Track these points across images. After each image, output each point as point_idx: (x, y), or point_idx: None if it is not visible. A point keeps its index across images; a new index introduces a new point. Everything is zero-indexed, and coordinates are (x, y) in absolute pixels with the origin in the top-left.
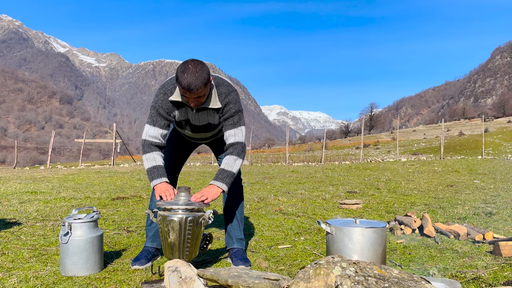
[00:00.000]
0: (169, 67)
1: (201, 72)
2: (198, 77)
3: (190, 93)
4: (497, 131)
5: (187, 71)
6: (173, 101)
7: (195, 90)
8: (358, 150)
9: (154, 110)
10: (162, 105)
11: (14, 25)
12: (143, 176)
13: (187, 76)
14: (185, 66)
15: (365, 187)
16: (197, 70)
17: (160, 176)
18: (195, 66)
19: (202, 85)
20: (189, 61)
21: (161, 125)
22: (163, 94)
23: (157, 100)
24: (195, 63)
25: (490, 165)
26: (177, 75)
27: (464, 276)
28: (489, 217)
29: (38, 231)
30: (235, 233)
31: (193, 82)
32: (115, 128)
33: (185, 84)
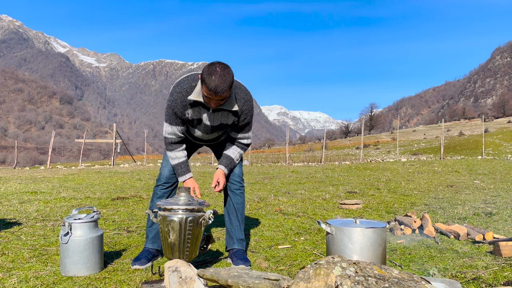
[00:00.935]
0: (169, 67)
1: (228, 76)
2: (225, 81)
3: (215, 96)
4: (497, 131)
5: (215, 73)
6: (191, 100)
7: (221, 93)
8: (358, 150)
9: (170, 109)
10: (177, 104)
11: (14, 25)
12: (143, 176)
13: (215, 79)
14: (212, 68)
15: (365, 187)
16: (224, 73)
17: (186, 172)
18: (223, 69)
19: (228, 89)
20: (216, 64)
21: (178, 122)
22: (178, 93)
23: (172, 99)
24: (222, 66)
25: (490, 165)
26: (203, 76)
27: (464, 276)
28: (489, 217)
29: (38, 231)
30: (236, 234)
31: (220, 85)
32: (115, 128)
33: (212, 87)
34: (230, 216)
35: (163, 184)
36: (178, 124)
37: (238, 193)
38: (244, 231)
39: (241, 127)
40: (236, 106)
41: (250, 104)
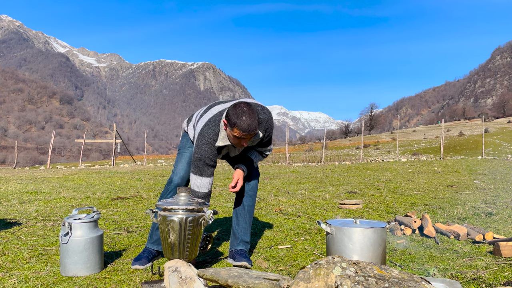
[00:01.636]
0: (169, 67)
1: (255, 113)
2: (255, 119)
3: (249, 135)
4: (497, 131)
5: (244, 114)
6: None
7: (254, 130)
8: (358, 150)
9: (201, 162)
10: (208, 155)
11: (14, 25)
12: (143, 176)
13: (246, 120)
14: (239, 109)
15: (365, 187)
16: (252, 111)
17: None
18: (249, 107)
19: (258, 125)
20: (241, 104)
21: (209, 173)
22: (206, 144)
23: (202, 151)
24: (247, 105)
25: (490, 165)
26: (233, 120)
27: (464, 276)
28: (489, 218)
29: (38, 231)
30: (242, 236)
31: (252, 124)
32: (115, 128)
33: (245, 127)
34: (238, 217)
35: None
36: (210, 174)
37: (251, 195)
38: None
39: (265, 143)
40: (261, 133)
41: (271, 122)
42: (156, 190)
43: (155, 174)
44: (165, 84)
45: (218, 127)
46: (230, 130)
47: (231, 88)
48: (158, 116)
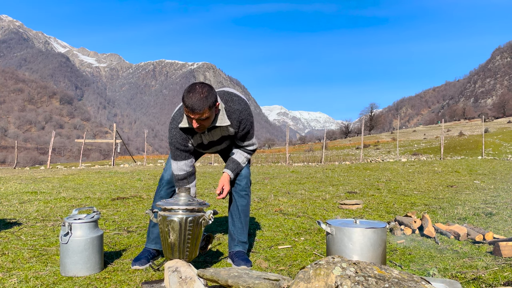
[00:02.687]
0: (169, 67)
1: (207, 94)
2: (203, 98)
3: (193, 113)
4: (497, 131)
5: (193, 91)
6: (183, 128)
7: (198, 110)
8: (358, 150)
9: (172, 146)
10: (177, 139)
11: (15, 25)
12: (143, 176)
13: (192, 96)
14: (192, 86)
15: (365, 187)
16: (203, 91)
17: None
18: (202, 87)
19: (207, 107)
20: (197, 83)
21: (182, 157)
22: (174, 129)
23: (171, 135)
24: (202, 85)
25: (490, 165)
26: (183, 95)
27: (464, 276)
28: (489, 218)
29: (38, 231)
30: (238, 236)
31: (197, 102)
32: (115, 128)
33: (189, 103)
34: (233, 218)
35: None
36: (184, 158)
37: (243, 195)
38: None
39: (243, 136)
40: (227, 121)
41: (246, 113)
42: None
43: (155, 174)
44: (165, 84)
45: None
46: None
47: (231, 88)
48: (158, 116)
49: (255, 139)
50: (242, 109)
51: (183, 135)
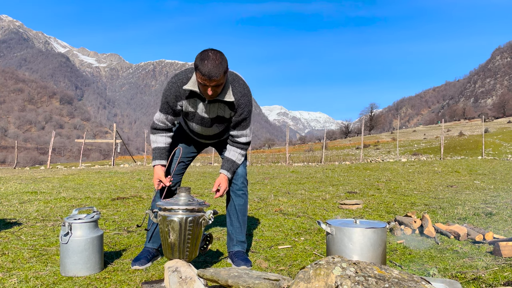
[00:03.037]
0: (169, 67)
1: (221, 60)
2: (218, 65)
3: (210, 81)
4: (497, 131)
5: (207, 58)
6: (187, 91)
7: (215, 77)
8: (358, 150)
9: (163, 97)
10: (171, 93)
11: (15, 25)
12: (143, 176)
13: (208, 64)
14: (205, 54)
15: (365, 187)
16: (217, 57)
17: (157, 158)
18: (215, 54)
19: (222, 73)
20: (208, 50)
21: (168, 111)
22: (173, 83)
23: (167, 88)
24: (214, 51)
25: (490, 165)
26: (196, 63)
27: (464, 276)
28: (489, 218)
29: (38, 231)
30: (237, 236)
31: (213, 70)
32: (115, 128)
33: (205, 71)
34: (231, 217)
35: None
36: (168, 113)
37: (240, 194)
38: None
39: (238, 122)
40: (232, 97)
41: (247, 99)
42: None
43: None
44: (165, 84)
45: (192, 73)
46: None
47: None
48: None
49: (249, 131)
50: (245, 93)
51: (178, 93)
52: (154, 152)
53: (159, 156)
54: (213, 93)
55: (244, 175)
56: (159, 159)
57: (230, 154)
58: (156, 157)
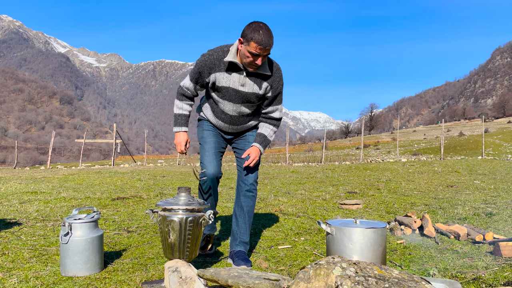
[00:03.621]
0: (169, 67)
1: (271, 31)
2: (271, 35)
3: (264, 50)
4: (497, 131)
5: (260, 28)
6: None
7: (269, 46)
8: (358, 150)
9: (196, 67)
10: (206, 64)
11: (15, 25)
12: (143, 176)
13: (262, 33)
14: (255, 24)
15: (365, 187)
16: (268, 28)
17: (182, 125)
18: (265, 24)
19: (273, 43)
20: (258, 22)
21: (197, 81)
22: (210, 55)
23: (202, 59)
24: (263, 23)
25: (490, 165)
26: (249, 34)
27: (464, 276)
28: (489, 218)
29: (39, 231)
30: (241, 237)
31: (268, 39)
32: (115, 128)
33: (260, 40)
34: (238, 218)
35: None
36: (197, 83)
37: (250, 196)
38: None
39: (273, 98)
40: (268, 71)
41: (281, 73)
42: (156, 190)
43: (155, 174)
44: (165, 84)
45: (228, 47)
46: (245, 46)
47: None
48: (158, 116)
49: (282, 106)
50: (278, 68)
51: (212, 64)
52: (179, 118)
53: (184, 123)
54: (260, 63)
55: (255, 177)
56: (184, 126)
57: (262, 130)
58: (181, 124)
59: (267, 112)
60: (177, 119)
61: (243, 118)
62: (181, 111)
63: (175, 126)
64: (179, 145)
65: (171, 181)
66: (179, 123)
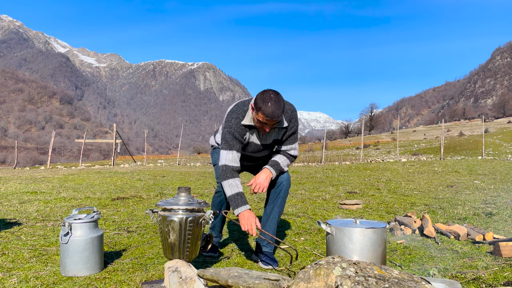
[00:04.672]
0: (169, 67)
1: (281, 102)
2: (279, 106)
3: (271, 121)
4: (497, 131)
5: (270, 100)
6: (245, 125)
7: (277, 117)
8: (358, 150)
9: (230, 134)
10: (237, 129)
11: (15, 26)
12: (143, 177)
13: (271, 105)
14: (266, 95)
15: (365, 187)
16: (278, 99)
17: (244, 203)
18: (276, 95)
19: (282, 112)
20: (269, 91)
21: (237, 148)
22: (235, 119)
23: (231, 125)
24: (274, 92)
25: (490, 165)
26: (259, 104)
27: (464, 276)
28: (489, 218)
29: (38, 231)
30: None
31: (276, 111)
32: (115, 128)
33: (268, 113)
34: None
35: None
36: (238, 150)
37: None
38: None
39: (289, 136)
40: (286, 122)
41: (295, 114)
42: (156, 190)
43: (155, 174)
44: (165, 84)
45: (246, 107)
46: (255, 114)
47: (231, 88)
48: (158, 116)
49: (297, 145)
50: (293, 110)
51: (241, 127)
52: (237, 197)
53: (244, 200)
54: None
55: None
56: (245, 203)
57: (276, 158)
58: (242, 202)
59: (284, 150)
60: (236, 200)
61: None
62: (237, 189)
63: (237, 208)
64: (250, 226)
65: (171, 181)
66: (240, 203)
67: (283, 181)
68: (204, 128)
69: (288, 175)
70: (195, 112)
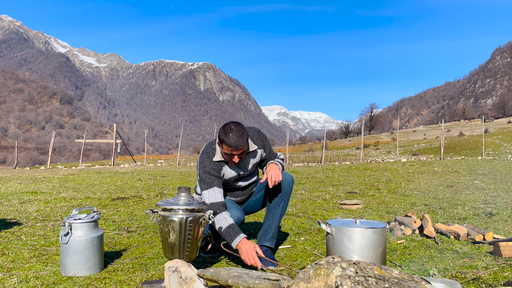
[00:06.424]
0: (170, 68)
1: (243, 131)
2: (242, 135)
3: (237, 151)
4: (497, 131)
5: (231, 131)
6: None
7: (241, 146)
8: (358, 150)
9: (206, 174)
10: (211, 166)
11: (15, 26)
12: (143, 177)
13: (232, 136)
14: (227, 127)
15: (365, 187)
16: (238, 129)
17: (238, 233)
18: (236, 125)
19: (245, 142)
20: (230, 123)
21: (217, 184)
22: (207, 158)
23: (205, 164)
24: (235, 123)
25: (490, 165)
26: (221, 138)
27: (464, 276)
28: (489, 218)
29: (39, 231)
30: (271, 233)
31: (238, 140)
32: (115, 128)
33: (231, 143)
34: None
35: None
36: (218, 185)
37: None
38: (244, 231)
39: (267, 155)
40: (254, 145)
41: (262, 133)
42: (156, 190)
43: (155, 174)
44: (165, 84)
45: (214, 145)
46: (221, 148)
47: (231, 88)
48: (158, 116)
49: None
50: (258, 130)
51: (215, 164)
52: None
53: (238, 230)
54: (239, 159)
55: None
56: (240, 232)
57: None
58: (237, 232)
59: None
60: (230, 232)
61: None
62: (229, 222)
63: (233, 240)
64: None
65: (171, 181)
66: (233, 234)
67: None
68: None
69: (291, 177)
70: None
